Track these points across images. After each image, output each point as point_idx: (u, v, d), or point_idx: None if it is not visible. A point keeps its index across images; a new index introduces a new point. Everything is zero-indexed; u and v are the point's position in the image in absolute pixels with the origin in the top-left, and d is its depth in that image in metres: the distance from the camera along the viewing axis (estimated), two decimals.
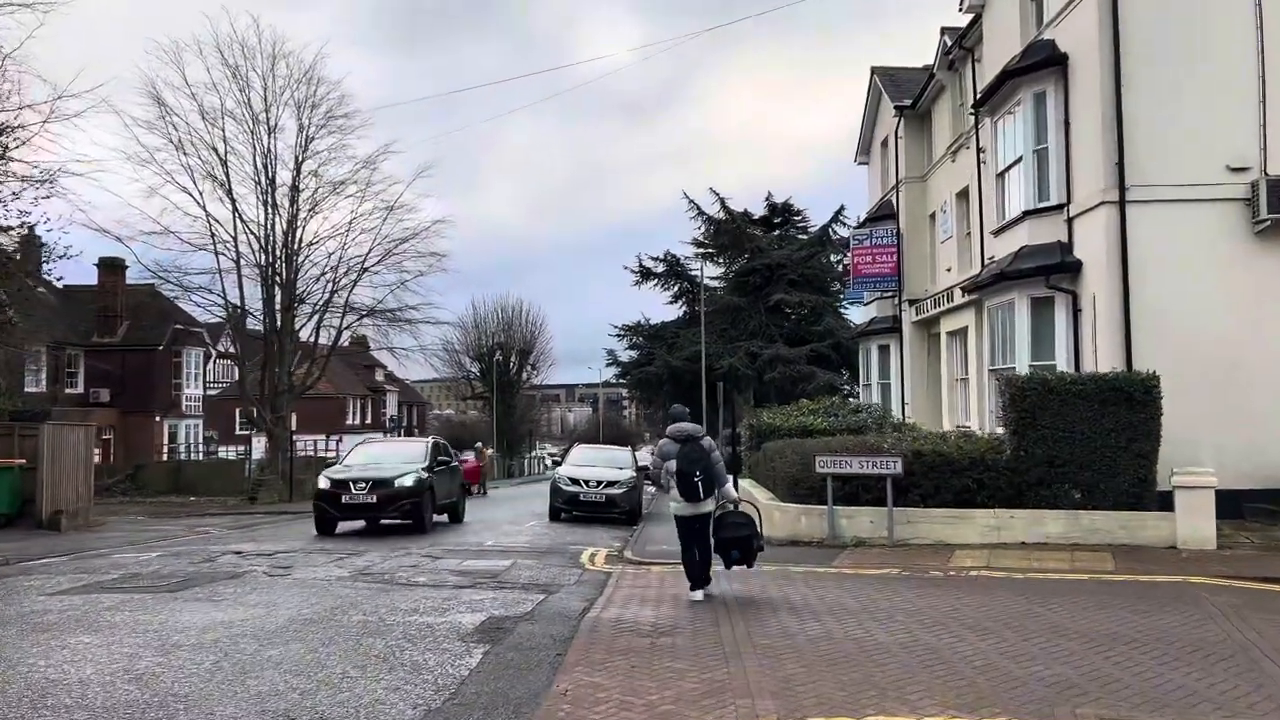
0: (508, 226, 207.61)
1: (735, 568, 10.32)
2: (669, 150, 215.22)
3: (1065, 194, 16.20)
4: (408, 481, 17.65)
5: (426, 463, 18.56)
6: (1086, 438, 13.03)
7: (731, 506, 10.29)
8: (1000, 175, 18.28)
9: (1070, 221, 16.07)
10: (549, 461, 74.17)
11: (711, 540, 10.06)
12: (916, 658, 7.22)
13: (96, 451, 41.52)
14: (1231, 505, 13.69)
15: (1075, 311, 15.85)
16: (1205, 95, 14.89)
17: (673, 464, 9.89)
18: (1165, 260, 14.75)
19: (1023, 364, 16.46)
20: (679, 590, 10.67)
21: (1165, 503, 13.05)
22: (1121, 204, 14.79)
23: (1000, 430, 16.90)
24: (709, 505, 9.99)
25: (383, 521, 18.36)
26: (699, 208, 42.33)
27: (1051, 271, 15.98)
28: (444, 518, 19.90)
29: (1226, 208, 14.80)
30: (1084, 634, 7.97)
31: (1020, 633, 8.03)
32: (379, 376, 75.51)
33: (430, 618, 9.05)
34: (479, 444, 46.16)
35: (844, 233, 40.15)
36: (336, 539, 17.18)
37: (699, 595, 9.91)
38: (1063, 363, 15.87)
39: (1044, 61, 16.35)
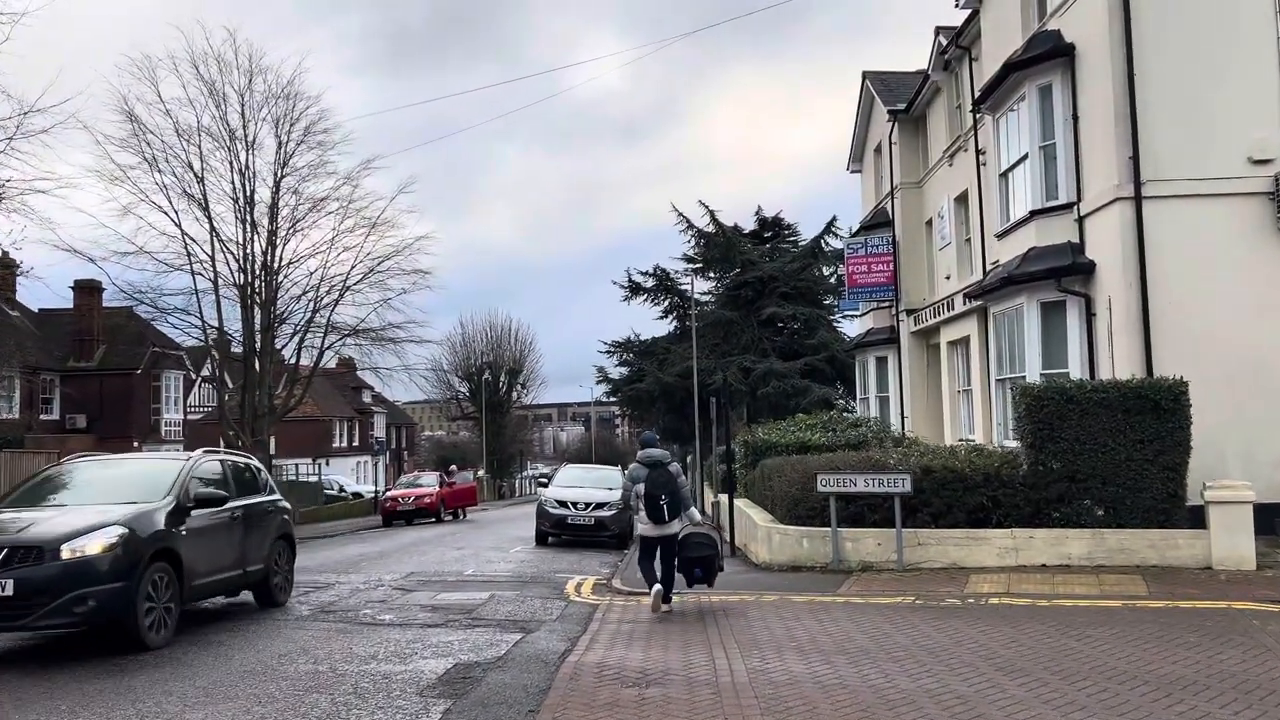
0: (500, 248, 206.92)
1: (700, 585, 10.87)
2: (660, 171, 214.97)
3: (1075, 192, 15.29)
4: (92, 547, 8.53)
5: (169, 502, 9.44)
6: (1110, 450, 12.04)
7: (695, 528, 10.83)
8: (1004, 175, 17.37)
9: (1081, 221, 15.14)
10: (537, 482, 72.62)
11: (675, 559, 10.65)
12: (948, 711, 6.20)
13: None
14: (1263, 520, 12.65)
15: (1089, 316, 14.89)
16: (1223, 83, 14.01)
17: (641, 487, 10.46)
18: (1185, 259, 13.82)
19: (1033, 372, 15.49)
20: (670, 626, 9.68)
21: (1195, 519, 12.07)
22: (1137, 200, 13.86)
23: (1010, 443, 15.97)
24: (675, 527, 10.56)
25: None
26: (688, 220, 41.36)
27: (1063, 274, 15.04)
28: (245, 597, 11.49)
29: (1249, 202, 13.88)
30: (1135, 676, 6.95)
31: (1062, 675, 7.01)
32: (366, 398, 74.30)
33: (389, 665, 8.00)
34: (452, 466, 44.88)
35: (837, 244, 39.23)
36: (308, 570, 16.06)
37: (665, 607, 10.35)
38: (1076, 370, 14.91)
39: (1049, 53, 15.46)
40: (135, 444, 44.13)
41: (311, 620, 10.55)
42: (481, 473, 70.03)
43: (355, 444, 70.98)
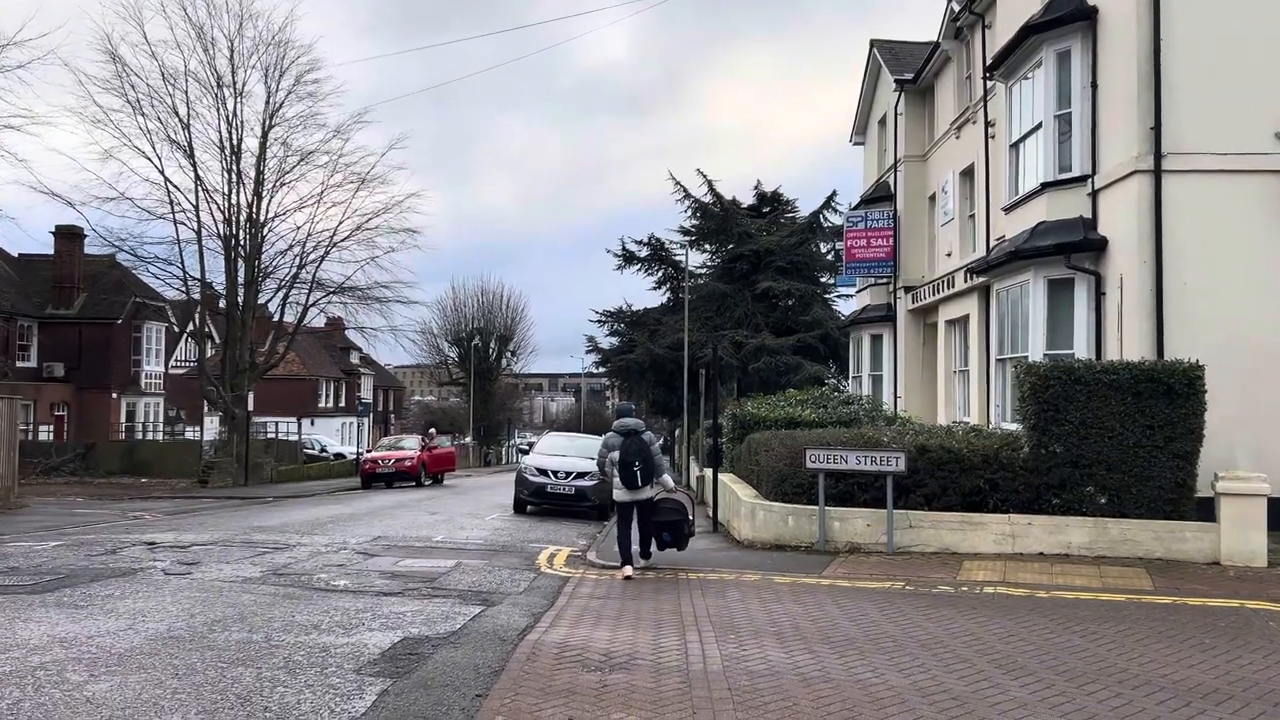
0: (500, 218, 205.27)
1: (670, 549, 11.37)
2: (662, 148, 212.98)
3: (1090, 164, 14.52)
4: None
5: None
6: (1117, 435, 11.36)
7: (668, 494, 11.26)
8: (1014, 146, 16.59)
9: (1095, 195, 14.39)
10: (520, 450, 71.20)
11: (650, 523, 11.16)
12: (943, 713, 5.53)
13: (48, 428, 39.67)
14: (1271, 516, 12.00)
15: (1098, 295, 14.19)
16: (1253, 54, 13.23)
17: (616, 454, 10.96)
18: (1204, 238, 13.08)
19: (1036, 352, 14.79)
20: (642, 603, 9.03)
21: (1203, 511, 11.43)
22: (1156, 173, 13.11)
23: (1008, 426, 15.30)
24: (648, 492, 11.03)
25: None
26: (685, 190, 40.34)
27: (1073, 250, 14.29)
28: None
29: (1274, 181, 13.13)
30: (1149, 680, 6.29)
31: (1068, 677, 6.35)
32: (354, 359, 73.43)
33: (331, 637, 7.31)
34: (431, 429, 43.96)
35: (836, 220, 38.38)
36: (270, 529, 15.38)
37: (629, 571, 10.68)
38: (1082, 351, 14.22)
39: (1071, 15, 14.64)
40: (114, 395, 43.33)
41: (260, 583, 9.86)
42: (468, 439, 69.38)
43: (341, 405, 70.09)
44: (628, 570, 10.66)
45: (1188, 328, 12.91)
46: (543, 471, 19.89)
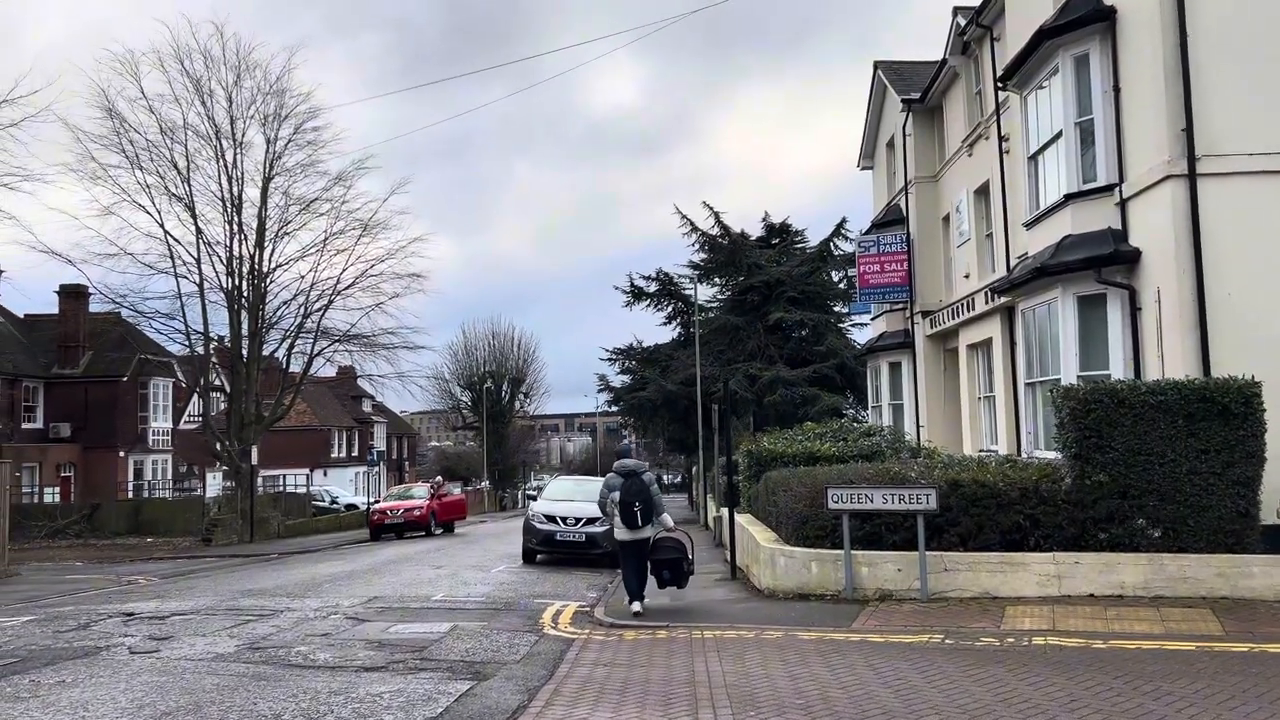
0: (512, 262, 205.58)
1: (670, 587, 11.51)
2: (671, 188, 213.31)
3: (1117, 172, 13.64)
4: None
5: None
6: (1169, 461, 10.36)
7: (667, 533, 11.41)
8: (1033, 158, 15.74)
9: (1124, 204, 13.50)
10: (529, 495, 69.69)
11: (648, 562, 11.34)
12: None
13: (54, 490, 39.02)
14: None
15: (1134, 310, 13.24)
16: None
17: (616, 495, 11.20)
18: (1247, 245, 12.13)
19: (1069, 374, 13.83)
20: (652, 670, 8.07)
21: (1269, 541, 10.40)
22: (1191, 177, 12.21)
23: (1042, 454, 14.31)
24: (648, 531, 11.27)
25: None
26: (692, 223, 39.69)
27: (1103, 263, 13.37)
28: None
29: None
30: None
31: None
32: (366, 407, 72.75)
33: None
34: (438, 477, 43.20)
35: (847, 248, 37.65)
36: (262, 593, 14.48)
37: (637, 607, 10.99)
38: (1119, 371, 13.25)
39: (1088, 17, 13.84)
40: (120, 453, 42.70)
41: (232, 660, 8.94)
42: (484, 483, 68.39)
43: (354, 454, 69.31)
44: (636, 607, 11.00)
45: (1235, 341, 11.92)
46: (551, 518, 18.97)
